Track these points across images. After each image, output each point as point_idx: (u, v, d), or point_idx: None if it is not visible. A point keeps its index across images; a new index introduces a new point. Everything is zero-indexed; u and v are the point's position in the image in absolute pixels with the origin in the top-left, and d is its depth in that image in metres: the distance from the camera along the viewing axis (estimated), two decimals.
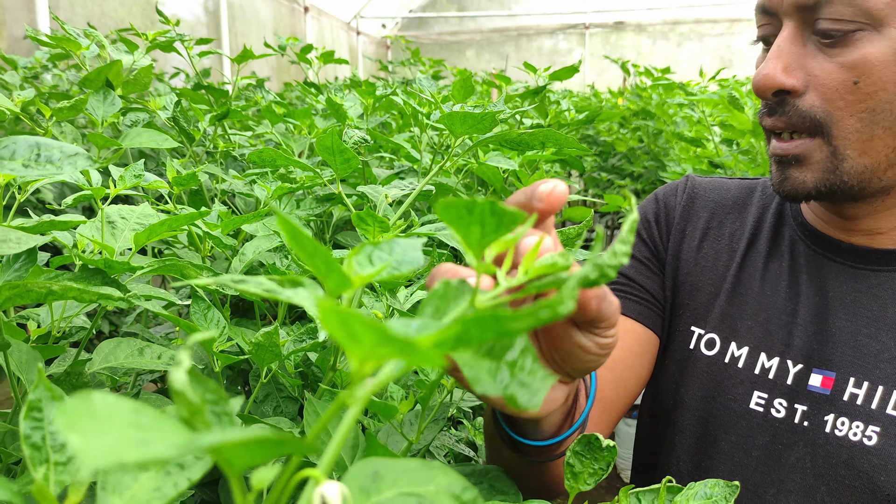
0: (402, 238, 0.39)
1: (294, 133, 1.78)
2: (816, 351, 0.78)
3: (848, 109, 0.71)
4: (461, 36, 12.84)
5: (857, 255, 0.80)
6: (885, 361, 0.74)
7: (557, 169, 2.42)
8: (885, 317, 0.76)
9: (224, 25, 6.57)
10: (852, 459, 0.73)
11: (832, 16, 0.69)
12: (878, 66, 0.69)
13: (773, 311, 0.83)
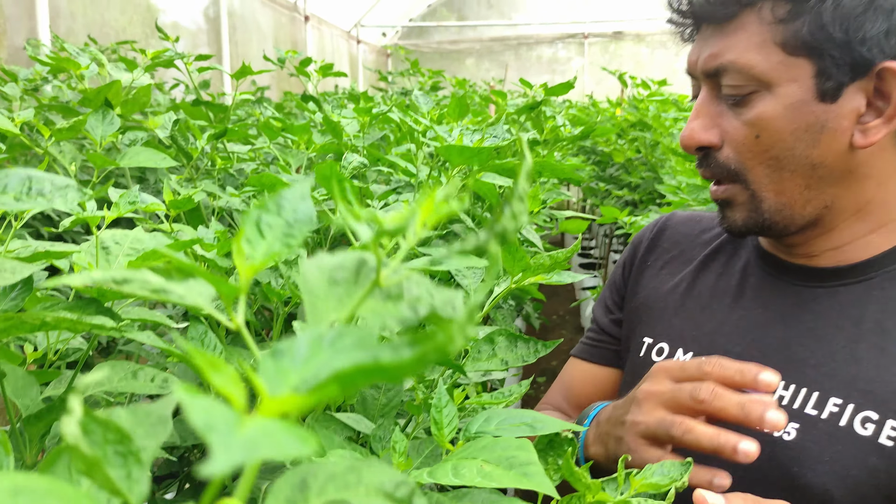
0: (288, 189, 0.37)
1: (292, 147, 1.80)
2: (752, 358, 0.85)
3: (756, 159, 0.83)
4: (461, 45, 12.88)
5: (797, 274, 0.90)
6: (811, 367, 0.83)
7: (555, 181, 2.43)
8: (816, 328, 0.86)
9: (224, 35, 6.59)
10: (773, 453, 0.81)
11: (731, 82, 0.81)
12: (773, 120, 0.80)
13: (718, 322, 0.93)
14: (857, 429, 0.78)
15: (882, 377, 0.80)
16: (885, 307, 0.83)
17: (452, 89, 4.62)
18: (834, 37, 0.77)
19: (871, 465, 0.77)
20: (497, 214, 0.35)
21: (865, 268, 0.86)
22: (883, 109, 0.79)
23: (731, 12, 0.81)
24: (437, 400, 0.63)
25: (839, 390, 0.81)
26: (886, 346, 0.81)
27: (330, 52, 9.77)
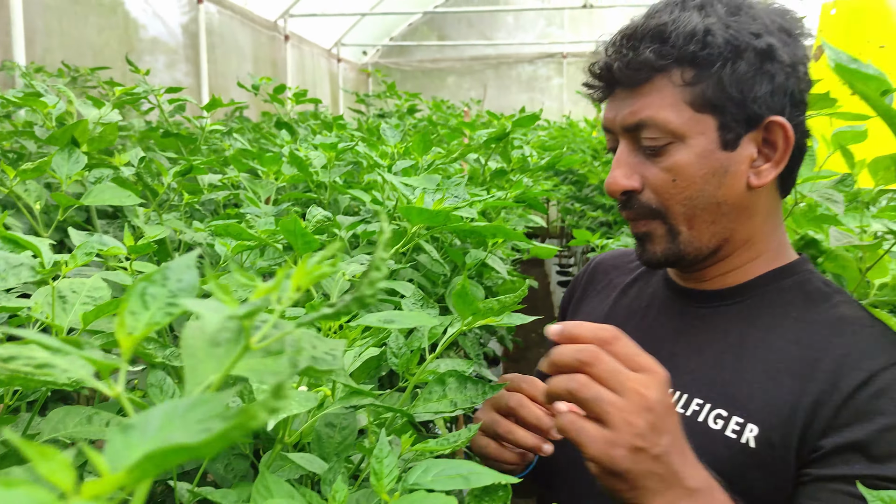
0: (176, 260, 0.40)
1: (263, 178, 1.82)
2: None
3: (673, 199, 0.97)
4: (442, 63, 12.96)
5: (690, 297, 1.06)
6: (686, 374, 0.98)
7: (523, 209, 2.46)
8: (696, 342, 1.01)
9: (203, 54, 6.60)
10: None
11: (649, 136, 0.95)
12: (687, 166, 0.95)
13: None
14: (711, 424, 0.93)
15: (735, 381, 0.94)
16: (750, 323, 0.98)
17: (429, 111, 4.66)
18: (732, 97, 0.93)
19: (719, 454, 0.90)
20: (360, 280, 0.38)
21: (742, 290, 1.02)
22: (771, 156, 0.97)
23: (647, 77, 0.95)
24: (378, 450, 0.66)
25: (702, 392, 0.96)
26: (743, 356, 0.96)
27: (310, 71, 9.80)
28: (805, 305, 0.98)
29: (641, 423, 0.72)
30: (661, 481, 0.73)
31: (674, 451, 0.75)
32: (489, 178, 2.20)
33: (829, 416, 0.86)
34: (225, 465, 0.94)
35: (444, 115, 4.90)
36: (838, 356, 0.89)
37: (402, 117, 4.03)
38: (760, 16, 0.95)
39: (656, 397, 0.74)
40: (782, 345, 0.94)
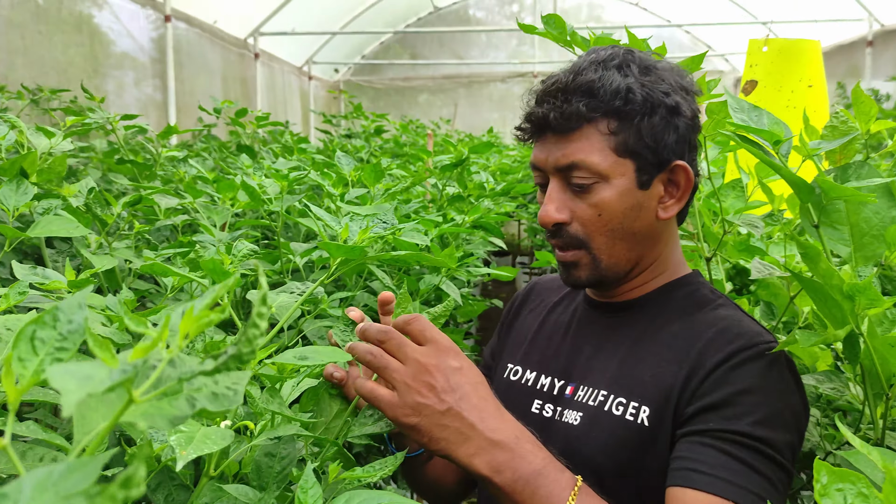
0: (66, 300, 0.40)
1: (219, 204, 1.84)
2: (567, 370, 1.18)
3: (597, 232, 1.11)
4: (414, 82, 13.02)
5: (603, 309, 1.21)
6: (597, 372, 1.13)
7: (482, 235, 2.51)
8: (607, 345, 1.16)
9: (170, 71, 6.59)
10: (567, 436, 1.10)
11: (579, 176, 1.09)
12: (610, 203, 1.09)
13: (554, 348, 1.23)
14: (614, 411, 1.07)
15: (632, 373, 1.09)
16: (646, 327, 1.15)
17: (395, 132, 4.70)
18: (647, 144, 1.09)
19: (621, 436, 1.05)
20: (239, 337, 0.40)
21: (644, 301, 1.18)
22: (675, 193, 1.14)
23: (578, 125, 1.08)
24: (303, 481, 0.69)
25: (607, 385, 1.10)
26: (639, 352, 1.12)
27: (281, 89, 9.81)
28: (692, 309, 1.15)
29: (419, 385, 0.88)
30: (457, 433, 0.88)
31: (466, 407, 0.89)
32: (447, 203, 2.24)
33: (695, 388, 1.02)
34: (165, 496, 0.96)
35: (412, 135, 4.94)
36: (707, 340, 1.06)
37: (368, 138, 4.06)
38: (666, 76, 1.11)
39: (435, 363, 0.90)
40: (669, 340, 1.11)
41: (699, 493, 0.92)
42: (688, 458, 0.96)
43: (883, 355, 0.97)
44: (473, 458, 0.89)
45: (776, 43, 2.28)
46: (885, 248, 1.04)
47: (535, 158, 1.14)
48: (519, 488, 0.89)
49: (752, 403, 0.98)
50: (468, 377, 0.92)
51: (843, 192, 0.98)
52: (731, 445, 0.95)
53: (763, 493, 0.93)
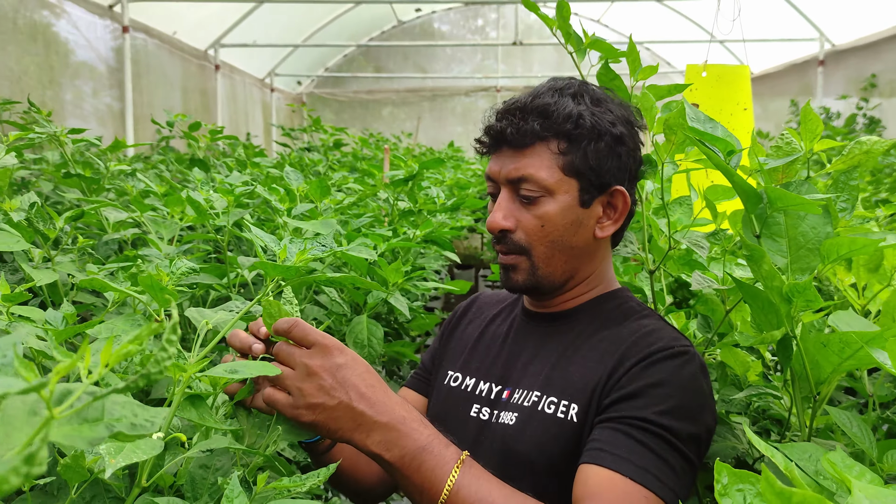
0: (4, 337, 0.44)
1: (167, 218, 1.84)
2: (504, 376, 1.26)
3: (539, 241, 1.20)
4: (378, 95, 13.04)
5: (539, 319, 1.30)
6: (532, 376, 1.21)
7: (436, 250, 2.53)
8: (542, 352, 1.24)
9: (128, 82, 6.53)
10: (504, 435, 1.17)
11: (527, 187, 1.18)
12: (553, 216, 1.19)
13: (492, 356, 1.31)
14: (546, 409, 1.15)
15: (563, 375, 1.18)
16: (578, 334, 1.23)
17: (355, 146, 4.71)
18: (592, 167, 1.19)
19: (553, 433, 1.13)
20: (150, 357, 0.42)
21: (576, 311, 1.28)
22: (612, 215, 1.24)
23: (531, 142, 1.18)
24: (229, 490, 0.70)
25: (540, 387, 1.19)
26: (571, 357, 1.20)
27: (242, 101, 9.76)
28: (619, 319, 1.24)
29: (309, 387, 0.96)
30: (350, 422, 0.97)
31: (354, 398, 0.97)
32: (398, 218, 2.26)
33: (613, 383, 1.12)
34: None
35: (372, 149, 4.96)
36: (630, 343, 1.16)
37: (326, 152, 4.07)
38: (614, 109, 1.22)
39: (320, 363, 0.97)
40: (597, 344, 1.20)
41: (602, 470, 1.02)
42: (598, 440, 1.06)
43: (814, 357, 1.01)
44: (366, 440, 0.98)
45: (715, 69, 2.37)
46: (819, 262, 1.08)
47: (490, 170, 1.24)
48: (406, 463, 0.97)
49: (661, 395, 1.08)
50: (353, 370, 0.99)
51: (790, 201, 1.01)
52: (636, 431, 1.05)
53: (661, 475, 1.02)
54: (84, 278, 1.16)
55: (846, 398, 1.57)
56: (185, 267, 0.98)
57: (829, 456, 0.83)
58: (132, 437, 0.46)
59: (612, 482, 1.01)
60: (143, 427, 0.46)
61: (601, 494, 1.00)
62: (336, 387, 0.97)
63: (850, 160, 1.06)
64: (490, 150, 1.25)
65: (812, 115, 1.06)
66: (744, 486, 0.67)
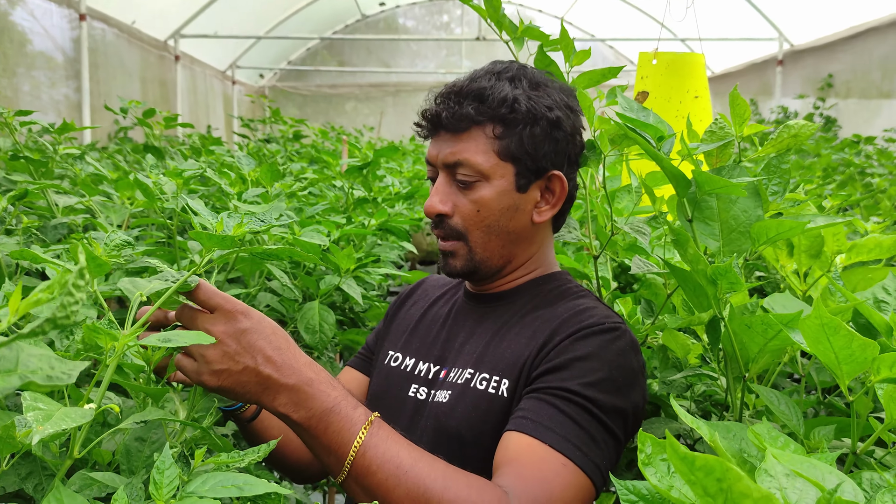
0: None
1: (117, 203, 1.83)
2: (442, 356, 1.28)
3: (475, 226, 1.21)
4: (341, 89, 12.97)
5: (478, 300, 1.32)
6: (467, 354, 1.23)
7: (393, 239, 2.54)
8: (478, 331, 1.26)
9: (85, 72, 6.42)
10: (437, 412, 1.19)
11: (464, 172, 1.19)
12: (489, 201, 1.19)
13: (432, 336, 1.33)
14: (477, 386, 1.17)
15: (494, 353, 1.20)
16: (514, 314, 1.25)
17: (316, 138, 4.69)
18: (528, 152, 1.19)
19: (483, 408, 1.15)
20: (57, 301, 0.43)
21: (514, 292, 1.29)
22: (550, 200, 1.25)
23: (467, 127, 1.18)
24: (160, 462, 0.70)
25: (473, 364, 1.21)
26: (505, 335, 1.22)
27: (203, 92, 9.66)
28: (555, 299, 1.25)
29: (212, 354, 0.94)
30: (257, 385, 0.96)
31: (261, 362, 0.95)
32: (353, 206, 2.26)
33: (543, 357, 1.13)
34: (35, 485, 0.96)
35: (332, 142, 4.95)
36: (562, 320, 1.18)
37: (285, 143, 4.05)
38: (553, 93, 1.22)
39: (222, 329, 0.94)
40: (531, 322, 1.22)
41: (523, 437, 1.04)
42: (522, 409, 1.08)
43: (741, 338, 1.04)
44: (274, 401, 0.97)
45: (665, 56, 2.40)
46: (749, 244, 1.11)
47: (429, 154, 1.25)
48: (314, 424, 0.97)
49: (587, 368, 1.09)
50: (259, 333, 0.97)
51: (716, 184, 1.04)
52: (560, 401, 1.06)
53: (582, 445, 1.04)
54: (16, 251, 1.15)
55: (789, 383, 1.61)
56: (119, 239, 0.98)
57: (755, 428, 0.86)
58: (46, 387, 0.47)
59: (531, 449, 1.02)
60: (59, 378, 0.47)
61: (519, 460, 1.02)
62: (241, 352, 0.95)
63: (780, 144, 1.09)
64: (429, 133, 1.25)
65: (740, 100, 1.09)
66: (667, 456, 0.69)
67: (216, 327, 0.95)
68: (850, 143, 5.12)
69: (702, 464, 0.52)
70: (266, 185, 1.61)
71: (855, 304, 1.03)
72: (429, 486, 0.96)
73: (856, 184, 3.22)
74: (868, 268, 1.27)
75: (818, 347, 0.82)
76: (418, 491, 0.95)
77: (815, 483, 0.61)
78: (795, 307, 1.11)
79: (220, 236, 0.88)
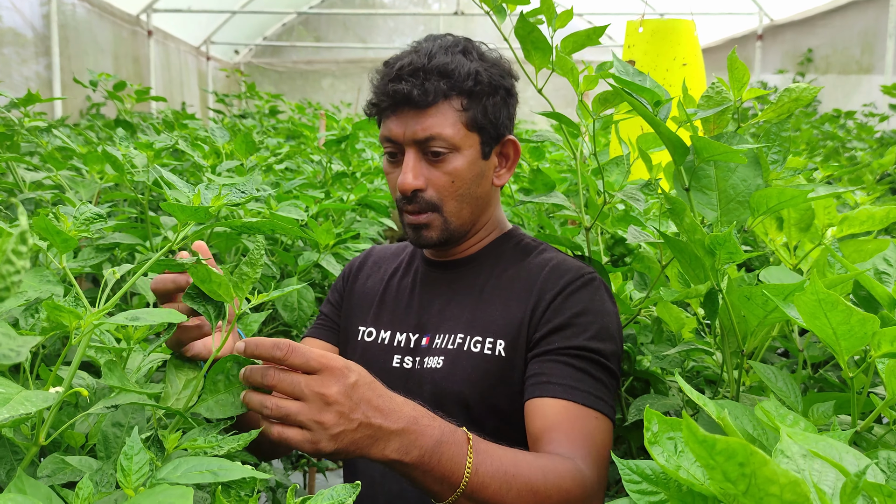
0: None
1: (86, 177, 1.75)
2: (420, 324, 1.33)
3: (450, 197, 1.27)
4: (317, 65, 12.80)
5: (444, 267, 1.38)
6: (449, 320, 1.30)
7: (373, 216, 2.48)
8: (454, 297, 1.33)
9: (55, 47, 6.27)
10: (434, 378, 1.25)
11: (436, 146, 1.23)
12: (461, 171, 1.26)
13: (403, 306, 1.37)
14: (472, 348, 1.25)
15: (483, 315, 1.27)
16: (487, 276, 1.33)
17: (292, 113, 4.61)
18: (490, 120, 1.27)
19: (484, 368, 1.22)
20: None
21: (479, 256, 1.37)
22: (505, 164, 1.36)
23: (434, 101, 1.23)
24: (128, 447, 0.65)
25: (462, 329, 1.27)
26: (485, 297, 1.30)
27: (177, 69, 9.48)
28: (521, 256, 1.35)
29: (330, 418, 0.85)
30: (369, 439, 0.89)
31: (371, 415, 0.89)
32: (332, 181, 2.20)
33: (539, 317, 1.23)
34: (7, 471, 0.90)
35: (309, 118, 4.86)
36: (543, 278, 1.27)
37: (261, 119, 3.97)
38: (499, 63, 1.31)
39: (336, 390, 0.86)
40: (509, 283, 1.30)
41: (554, 401, 1.13)
42: (541, 374, 1.17)
43: (739, 311, 1.00)
44: (384, 451, 0.90)
45: (651, 24, 2.35)
46: (748, 214, 1.07)
47: (392, 132, 1.27)
48: (426, 460, 0.92)
49: (586, 323, 1.20)
50: (364, 383, 0.90)
51: (717, 150, 0.99)
52: (574, 359, 1.17)
53: (601, 394, 1.16)
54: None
55: (780, 360, 1.58)
56: (90, 212, 0.92)
57: (763, 404, 0.82)
58: None
59: (567, 411, 1.12)
60: (7, 357, 0.42)
61: (559, 424, 1.11)
62: (353, 408, 0.88)
63: (780, 108, 1.04)
64: (387, 111, 1.27)
65: (738, 64, 1.04)
66: (675, 434, 0.65)
67: (329, 389, 0.86)
68: (831, 117, 5.10)
69: (723, 447, 0.48)
70: (241, 158, 1.55)
71: (856, 276, 1.00)
72: (532, 481, 1.00)
73: (840, 157, 3.20)
74: (861, 240, 1.24)
75: (815, 323, 0.78)
76: (526, 488, 0.99)
77: (835, 464, 0.56)
78: (791, 279, 1.08)
79: (194, 208, 0.82)
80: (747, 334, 1.03)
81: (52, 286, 1.15)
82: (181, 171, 1.98)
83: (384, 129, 1.28)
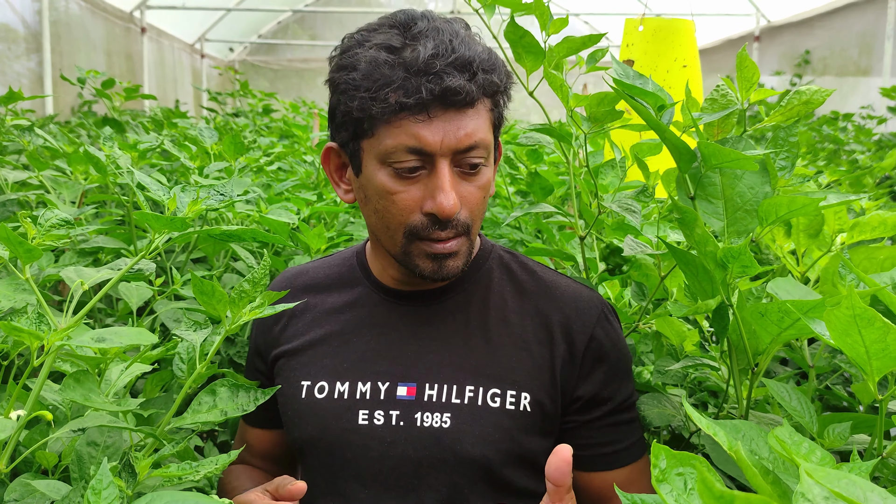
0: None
1: (69, 178, 1.70)
2: (393, 371, 1.07)
3: (479, 215, 1.04)
4: (312, 63, 12.75)
5: (415, 299, 1.11)
6: (445, 367, 1.06)
7: None
8: (440, 336, 1.08)
9: (46, 43, 6.20)
10: (440, 440, 1.02)
11: (477, 156, 0.99)
12: (490, 184, 1.04)
13: (362, 351, 1.09)
14: (490, 403, 1.04)
15: (492, 363, 1.06)
16: (478, 310, 1.10)
17: (286, 112, 4.56)
18: (502, 122, 1.07)
19: (505, 426, 1.03)
20: None
21: (462, 281, 1.12)
22: (494, 168, 1.10)
23: (474, 100, 0.97)
24: (96, 481, 0.60)
25: (470, 379, 1.05)
26: (490, 337, 1.08)
27: (170, 66, 9.41)
28: (510, 280, 1.14)
29: None
30: None
31: None
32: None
33: (577, 371, 1.07)
34: None
35: (303, 116, 4.81)
36: (563, 319, 1.09)
37: (254, 117, 3.91)
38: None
39: None
40: (516, 319, 1.10)
41: (623, 470, 1.08)
42: (604, 444, 1.08)
43: (751, 327, 0.95)
44: None
45: (651, 23, 2.30)
46: (756, 224, 1.02)
47: (421, 140, 0.95)
48: None
49: (623, 369, 1.11)
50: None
51: (726, 157, 0.93)
52: (625, 413, 1.10)
53: (642, 433, 1.13)
54: None
55: (782, 369, 1.54)
56: (56, 218, 0.87)
57: (777, 432, 0.77)
58: None
59: (632, 473, 1.09)
60: None
61: (632, 485, 1.07)
62: None
63: (790, 111, 1.00)
64: (416, 112, 0.95)
65: (749, 62, 0.99)
66: (684, 470, 0.60)
67: None
68: (829, 120, 5.07)
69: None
70: (230, 159, 1.50)
71: (875, 291, 0.95)
72: None
73: (840, 161, 3.16)
74: (872, 247, 1.20)
75: (846, 341, 0.73)
76: None
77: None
78: (801, 292, 1.03)
79: (169, 218, 0.77)
80: (758, 351, 0.98)
81: (27, 295, 1.10)
82: (170, 172, 1.93)
83: (407, 138, 0.95)
